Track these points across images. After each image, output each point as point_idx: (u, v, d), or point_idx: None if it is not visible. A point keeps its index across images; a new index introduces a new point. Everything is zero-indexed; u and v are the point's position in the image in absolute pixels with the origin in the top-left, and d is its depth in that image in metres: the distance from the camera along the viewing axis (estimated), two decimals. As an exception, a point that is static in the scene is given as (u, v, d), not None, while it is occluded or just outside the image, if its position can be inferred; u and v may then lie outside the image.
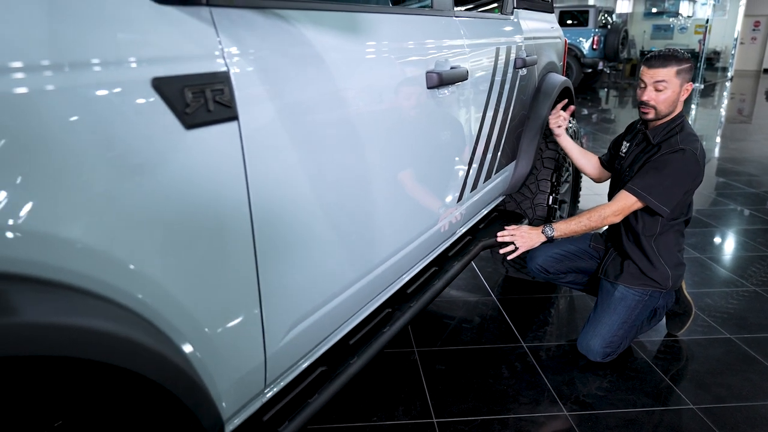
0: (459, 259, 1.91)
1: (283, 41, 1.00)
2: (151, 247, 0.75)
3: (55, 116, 0.63)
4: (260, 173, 0.93)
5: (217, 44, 0.86)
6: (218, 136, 0.84)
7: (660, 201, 1.96)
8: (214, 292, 0.88)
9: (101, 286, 0.69)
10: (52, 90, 0.63)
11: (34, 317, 0.55)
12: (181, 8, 0.82)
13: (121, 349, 0.65)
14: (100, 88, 0.68)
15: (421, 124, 1.48)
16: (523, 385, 2.05)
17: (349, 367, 1.31)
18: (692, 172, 1.96)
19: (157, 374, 0.70)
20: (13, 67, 0.60)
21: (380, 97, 1.29)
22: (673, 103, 1.99)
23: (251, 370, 0.99)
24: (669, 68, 1.95)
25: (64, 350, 0.57)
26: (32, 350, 0.55)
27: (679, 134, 2.01)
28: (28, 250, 0.60)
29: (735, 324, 2.47)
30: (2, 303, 0.54)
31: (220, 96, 0.84)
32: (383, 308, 1.56)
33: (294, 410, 1.15)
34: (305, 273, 1.09)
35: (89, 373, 0.72)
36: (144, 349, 0.68)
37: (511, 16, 2.31)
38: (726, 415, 1.89)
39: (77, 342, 0.59)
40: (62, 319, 0.58)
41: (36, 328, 0.55)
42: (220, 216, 0.87)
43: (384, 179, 1.32)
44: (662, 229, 2.09)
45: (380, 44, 1.30)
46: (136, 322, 0.70)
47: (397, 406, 1.92)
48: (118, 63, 0.71)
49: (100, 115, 0.68)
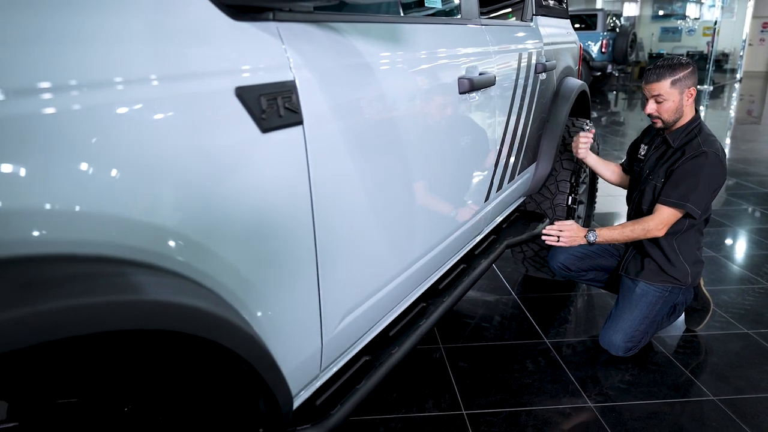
0: (486, 257, 1.99)
1: (337, 51, 1.09)
2: (236, 239, 0.84)
3: (158, 122, 0.72)
4: (321, 172, 1.01)
5: (285, 55, 0.94)
6: (287, 138, 0.93)
7: (696, 205, 2.04)
8: (281, 282, 0.96)
9: (195, 272, 0.77)
10: (154, 99, 0.71)
11: (158, 296, 0.64)
12: (253, 23, 0.91)
13: (222, 329, 0.73)
14: (195, 96, 0.77)
15: (454, 128, 1.56)
16: (548, 378, 2.12)
17: (390, 357, 1.39)
18: (719, 173, 2.05)
19: (247, 352, 0.78)
20: (126, 80, 0.68)
21: (418, 102, 1.37)
22: (677, 111, 2.08)
23: (311, 354, 1.08)
24: (663, 81, 2.04)
25: (183, 326, 0.66)
26: (155, 325, 0.64)
27: (699, 136, 2.09)
28: (143, 241, 0.69)
29: (752, 319, 2.53)
30: (132, 284, 0.63)
31: (289, 102, 0.92)
32: (418, 303, 1.64)
33: (343, 396, 1.23)
34: (357, 266, 1.18)
35: (191, 355, 0.81)
36: (238, 330, 0.77)
37: (530, 23, 2.39)
38: (746, 405, 1.95)
39: (188, 319, 0.68)
40: (183, 300, 0.67)
41: (160, 305, 0.64)
42: (287, 211, 0.95)
43: (422, 179, 1.41)
44: (685, 229, 2.16)
45: (418, 52, 1.39)
46: (228, 306, 0.79)
47: (427, 399, 1.99)
48: (210, 74, 0.79)
49: (194, 121, 0.76)
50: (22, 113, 0.57)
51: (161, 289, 0.66)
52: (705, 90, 13.55)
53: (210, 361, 0.85)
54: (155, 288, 0.65)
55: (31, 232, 0.58)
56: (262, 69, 0.89)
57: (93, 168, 0.64)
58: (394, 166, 1.27)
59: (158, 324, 0.64)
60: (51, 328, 0.55)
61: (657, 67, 2.07)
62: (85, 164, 0.63)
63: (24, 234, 0.58)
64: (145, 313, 0.63)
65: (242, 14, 0.90)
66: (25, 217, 0.58)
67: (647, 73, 2.10)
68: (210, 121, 0.79)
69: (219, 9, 0.86)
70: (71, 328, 0.56)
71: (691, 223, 2.16)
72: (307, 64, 0.99)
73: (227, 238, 0.83)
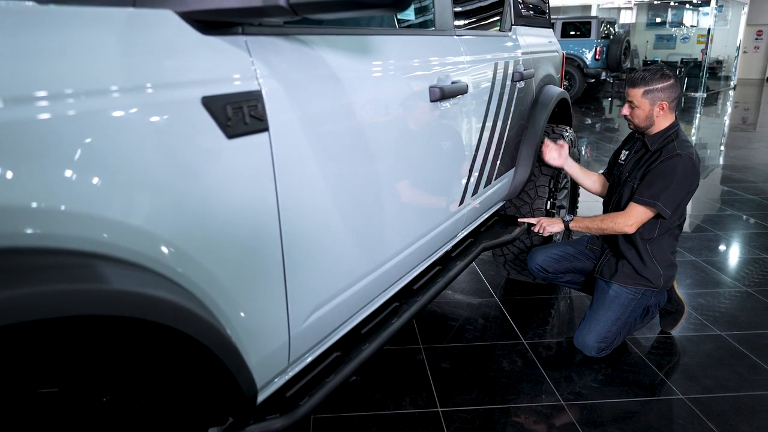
0: (461, 260, 2.06)
1: (304, 62, 1.16)
2: (201, 237, 0.91)
3: (127, 129, 0.79)
4: (287, 175, 1.08)
5: (252, 66, 1.01)
6: (253, 144, 1.00)
7: (666, 205, 2.12)
8: (247, 278, 1.03)
9: (163, 267, 0.84)
10: (124, 108, 0.78)
11: (122, 286, 0.71)
12: (222, 37, 0.98)
13: (183, 318, 0.80)
14: (163, 106, 0.84)
15: (425, 134, 1.63)
16: (523, 378, 2.19)
17: (360, 352, 1.45)
18: (692, 176, 2.12)
19: (208, 340, 0.85)
20: (95, 91, 0.75)
21: (388, 110, 1.44)
22: (647, 119, 2.17)
23: (278, 347, 1.14)
24: (636, 89, 2.14)
25: (144, 314, 0.73)
26: (119, 311, 0.70)
27: (675, 141, 2.17)
28: (112, 236, 0.76)
29: (726, 322, 2.60)
30: (96, 274, 0.70)
31: (255, 111, 0.99)
32: (392, 302, 1.71)
33: (312, 389, 1.29)
34: (323, 265, 1.24)
35: (158, 344, 0.88)
36: (199, 319, 0.84)
37: (509, 33, 2.47)
38: (714, 404, 2.01)
39: (153, 308, 0.75)
40: (144, 290, 0.74)
41: (123, 294, 0.71)
42: (253, 211, 1.02)
43: (391, 183, 1.47)
44: (659, 233, 2.23)
45: (387, 63, 1.46)
46: (191, 297, 0.86)
47: (404, 397, 2.06)
48: (175, 85, 0.86)
49: (162, 128, 0.83)
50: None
51: (123, 279, 0.73)
52: (699, 97, 13.68)
53: (180, 349, 0.92)
54: (118, 278, 0.72)
55: (5, 227, 0.65)
56: (228, 79, 0.96)
57: (68, 170, 0.71)
58: (361, 172, 1.34)
59: (119, 311, 0.71)
60: (26, 309, 0.62)
61: (638, 74, 2.16)
62: (60, 167, 0.70)
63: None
64: (107, 301, 0.70)
65: (211, 29, 0.97)
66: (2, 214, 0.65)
67: (629, 77, 2.20)
68: (178, 128, 0.86)
69: (189, 24, 0.93)
70: (42, 311, 0.63)
71: (666, 228, 2.23)
72: (273, 74, 1.06)
73: (193, 234, 0.89)
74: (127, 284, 0.72)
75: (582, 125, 9.11)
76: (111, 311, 0.69)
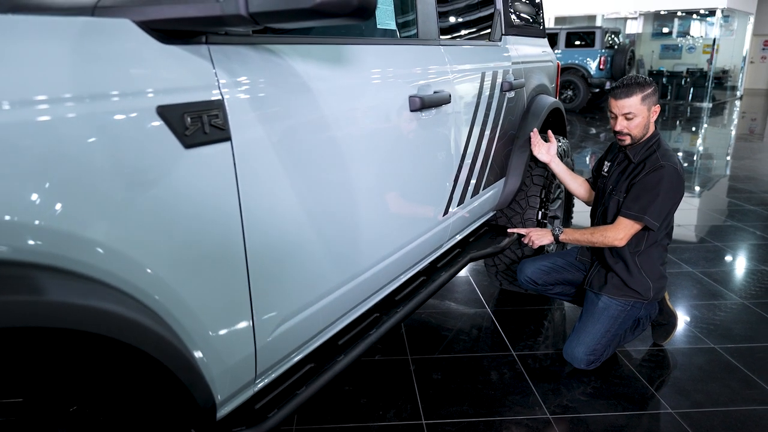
0: (446, 270, 2.04)
1: (273, 72, 1.15)
2: (155, 246, 0.90)
3: (79, 138, 0.78)
4: (251, 186, 1.07)
5: (213, 76, 1.01)
6: (213, 153, 0.99)
7: (654, 218, 2.10)
8: (207, 290, 1.02)
9: (112, 278, 0.83)
10: (76, 117, 0.78)
11: (64, 298, 0.70)
12: (183, 47, 0.98)
13: (130, 330, 0.79)
14: (116, 114, 0.83)
15: (404, 144, 1.62)
16: (511, 390, 2.16)
17: (335, 364, 1.44)
18: (677, 186, 2.10)
19: (157, 352, 0.84)
20: (45, 99, 0.75)
21: (363, 119, 1.43)
22: (645, 126, 2.14)
23: (242, 359, 1.13)
24: (633, 97, 2.10)
25: (83, 326, 0.72)
26: (62, 324, 0.70)
27: (658, 151, 2.15)
28: (53, 247, 0.75)
29: (720, 335, 2.56)
30: (37, 286, 0.69)
31: (215, 120, 0.99)
32: (372, 312, 1.69)
33: (282, 400, 1.28)
34: (292, 276, 1.23)
35: (103, 355, 0.87)
36: (147, 331, 0.83)
37: (499, 43, 2.46)
38: (703, 419, 1.98)
39: (96, 320, 0.74)
40: (84, 301, 0.73)
41: (66, 306, 0.70)
42: (214, 221, 1.01)
43: (365, 194, 1.46)
44: (647, 245, 2.21)
45: (364, 72, 1.45)
46: (140, 308, 0.85)
47: (388, 409, 2.03)
48: (130, 94, 0.86)
49: (115, 137, 0.83)
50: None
51: (61, 290, 0.72)
52: (704, 107, 13.62)
53: (133, 360, 0.91)
54: (55, 290, 0.71)
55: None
56: (187, 89, 0.95)
57: (13, 178, 0.71)
58: (333, 183, 1.33)
59: (55, 322, 0.70)
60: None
61: (625, 85, 2.13)
62: (5, 175, 0.70)
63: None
64: (45, 312, 0.69)
65: (173, 38, 0.96)
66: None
67: (616, 90, 2.16)
68: (131, 136, 0.86)
69: (148, 34, 0.93)
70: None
71: (654, 240, 2.20)
72: (238, 84, 1.05)
73: (147, 245, 0.89)
74: (63, 295, 0.71)
75: (586, 135, 9.09)
76: (46, 323, 0.68)
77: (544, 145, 2.53)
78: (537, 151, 2.52)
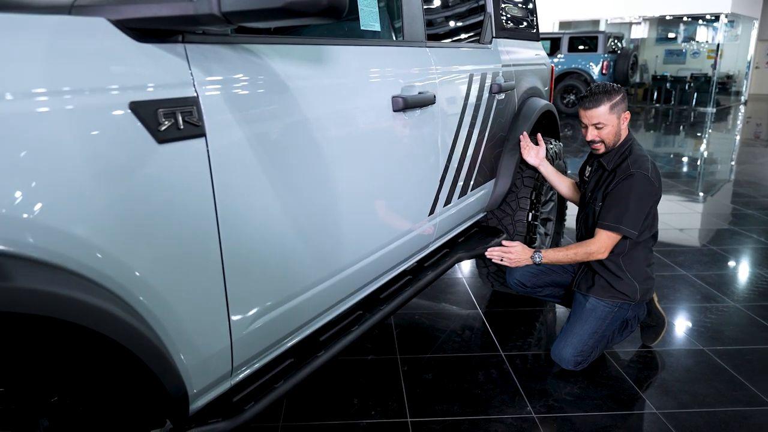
0: (433, 270, 2.06)
1: (250, 71, 1.18)
2: (128, 238, 0.92)
3: (52, 132, 0.81)
4: (226, 181, 1.10)
5: (189, 74, 1.03)
6: (187, 149, 1.02)
7: (630, 227, 2.11)
8: (180, 282, 1.04)
9: (85, 269, 0.86)
10: (49, 111, 0.81)
11: (33, 285, 0.73)
12: (158, 45, 1.00)
13: (100, 319, 0.82)
14: (89, 109, 0.86)
15: (386, 143, 1.65)
16: (497, 389, 2.17)
17: (315, 360, 1.46)
18: (649, 191, 2.11)
19: (126, 340, 0.87)
20: (19, 94, 0.78)
21: (343, 118, 1.45)
22: (617, 134, 2.18)
23: (217, 351, 1.15)
24: (602, 107, 2.13)
25: (56, 313, 0.75)
26: (35, 310, 0.73)
27: (629, 158, 2.17)
28: (22, 236, 0.78)
29: (710, 337, 2.56)
30: (3, 273, 0.72)
31: (189, 117, 1.01)
32: (356, 310, 1.71)
33: (260, 394, 1.30)
34: (269, 270, 1.25)
35: (77, 344, 0.89)
36: (117, 320, 0.85)
37: (489, 45, 2.48)
38: (687, 419, 1.98)
39: (68, 308, 0.77)
40: (49, 288, 0.75)
41: (35, 293, 0.73)
42: (188, 214, 1.03)
43: (346, 191, 1.48)
44: (630, 247, 2.22)
45: (345, 72, 1.48)
46: (109, 297, 0.87)
47: (375, 407, 2.05)
48: (103, 90, 0.89)
49: (88, 131, 0.86)
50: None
51: (30, 278, 0.74)
52: (708, 112, 13.59)
53: (105, 348, 0.93)
54: (23, 277, 0.74)
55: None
56: (161, 86, 0.98)
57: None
58: (311, 180, 1.35)
59: (32, 309, 0.73)
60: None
61: (593, 94, 2.15)
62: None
63: None
64: (11, 298, 0.71)
65: (148, 37, 0.99)
66: None
67: (584, 101, 2.18)
68: (104, 131, 0.89)
69: (123, 32, 0.96)
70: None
71: (635, 242, 2.21)
72: (213, 82, 1.08)
73: (120, 238, 0.91)
74: (31, 282, 0.74)
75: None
76: (11, 308, 0.71)
77: (533, 148, 2.55)
78: (526, 154, 2.54)
